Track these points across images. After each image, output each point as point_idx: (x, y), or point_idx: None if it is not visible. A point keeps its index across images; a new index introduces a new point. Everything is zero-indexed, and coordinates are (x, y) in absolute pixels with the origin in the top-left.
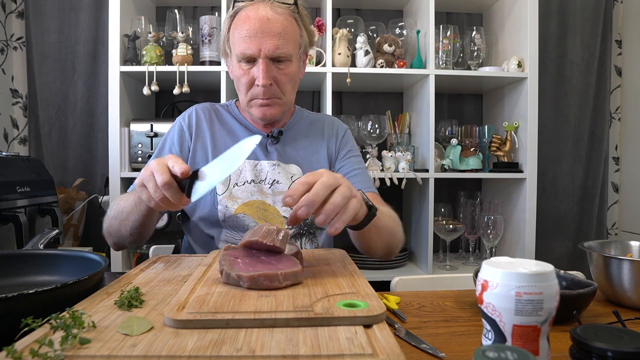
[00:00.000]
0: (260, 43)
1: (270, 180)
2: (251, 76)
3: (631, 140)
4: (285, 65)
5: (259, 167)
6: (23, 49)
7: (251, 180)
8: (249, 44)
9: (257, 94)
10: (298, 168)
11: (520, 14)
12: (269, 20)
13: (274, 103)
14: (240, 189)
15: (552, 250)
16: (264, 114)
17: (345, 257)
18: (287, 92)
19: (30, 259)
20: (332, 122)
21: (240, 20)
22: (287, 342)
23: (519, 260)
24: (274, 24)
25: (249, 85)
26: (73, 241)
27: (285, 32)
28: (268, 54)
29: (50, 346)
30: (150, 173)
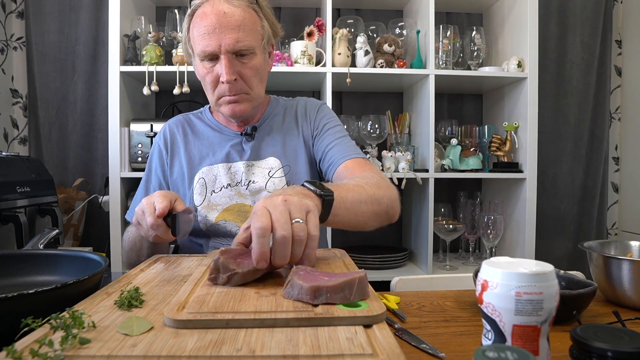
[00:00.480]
0: (220, 38)
1: (246, 181)
2: (215, 74)
3: (631, 140)
4: (249, 59)
5: (232, 170)
6: (23, 49)
7: (227, 185)
8: (209, 41)
9: (224, 92)
10: (276, 160)
11: (520, 14)
12: (226, 14)
13: (242, 99)
14: (218, 195)
15: (552, 250)
16: (233, 110)
17: (345, 257)
18: (254, 86)
19: (30, 259)
20: (305, 103)
21: (198, 17)
22: (287, 342)
23: (519, 260)
24: (232, 17)
25: (215, 84)
26: (73, 241)
27: (245, 25)
28: (229, 49)
29: (50, 346)
30: (142, 213)
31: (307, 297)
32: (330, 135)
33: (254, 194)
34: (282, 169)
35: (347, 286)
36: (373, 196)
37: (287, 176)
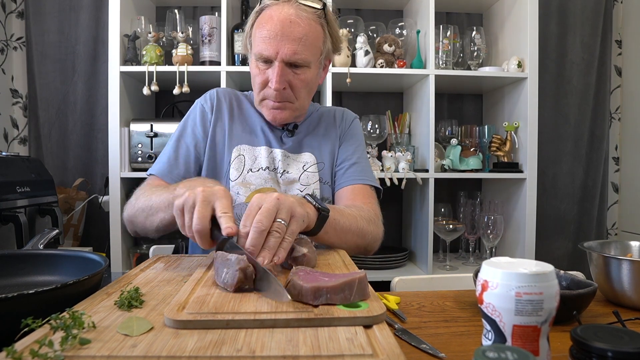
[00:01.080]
0: (279, 46)
1: (282, 169)
2: (266, 77)
3: (631, 140)
4: (302, 71)
5: (273, 155)
6: (23, 49)
7: (266, 167)
8: (267, 45)
9: (269, 96)
10: (311, 155)
11: (520, 14)
12: (291, 23)
13: (285, 107)
14: (254, 174)
15: (552, 250)
16: (274, 116)
17: (345, 257)
18: (300, 97)
19: (30, 259)
20: (343, 112)
21: (264, 19)
22: (287, 343)
23: (519, 260)
24: (296, 28)
25: (263, 85)
26: (73, 241)
27: (307, 38)
28: (285, 58)
29: (50, 346)
30: (192, 204)
31: (307, 298)
32: (352, 151)
33: (287, 184)
34: (316, 164)
35: (347, 286)
36: (362, 230)
37: (321, 173)
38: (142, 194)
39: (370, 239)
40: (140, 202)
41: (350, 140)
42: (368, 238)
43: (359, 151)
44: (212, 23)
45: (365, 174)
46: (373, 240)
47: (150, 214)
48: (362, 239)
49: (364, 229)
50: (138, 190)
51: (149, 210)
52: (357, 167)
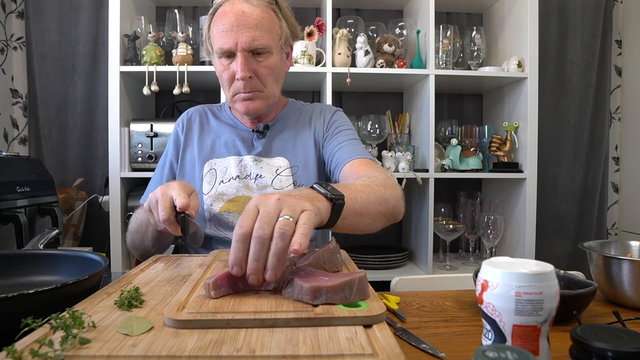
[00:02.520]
0: (237, 36)
1: (254, 174)
2: (231, 71)
3: (631, 140)
4: (265, 57)
5: (243, 163)
6: (23, 49)
7: (236, 176)
8: (226, 39)
9: (239, 89)
10: (284, 160)
11: (520, 14)
12: (244, 13)
13: (256, 97)
14: (226, 185)
15: (552, 250)
16: (247, 107)
17: (345, 257)
18: (268, 85)
19: (30, 259)
20: (321, 108)
21: (218, 16)
22: (287, 342)
23: (519, 260)
24: (250, 17)
25: (230, 81)
26: (73, 241)
27: (262, 24)
28: (245, 47)
29: (50, 346)
30: (156, 202)
31: (307, 297)
32: (339, 137)
33: (261, 188)
34: (290, 169)
35: (347, 286)
36: (381, 196)
37: (295, 176)
38: (133, 219)
39: (394, 202)
40: (132, 226)
41: (335, 131)
42: (391, 202)
43: (346, 134)
44: None
45: (358, 150)
46: (396, 202)
47: (143, 231)
48: (385, 205)
49: (383, 195)
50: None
51: (140, 229)
52: (347, 147)
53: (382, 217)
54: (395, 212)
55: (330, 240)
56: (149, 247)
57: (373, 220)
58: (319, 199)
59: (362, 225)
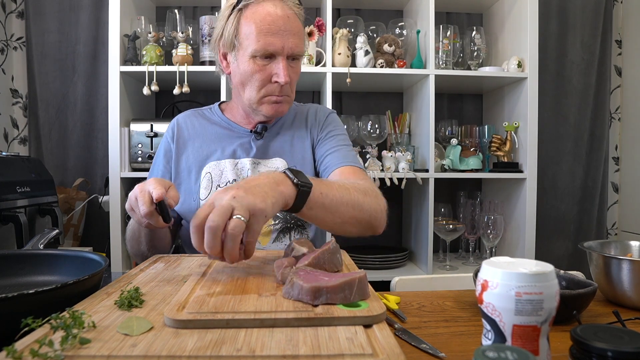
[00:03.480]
0: (284, 41)
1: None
2: (267, 73)
3: (631, 140)
4: (296, 64)
5: (239, 166)
6: (23, 49)
7: (233, 180)
8: (272, 39)
9: (273, 91)
10: (282, 161)
11: (520, 14)
12: (289, 18)
13: (284, 101)
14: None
15: (552, 250)
16: (277, 111)
17: (345, 257)
18: (294, 90)
19: (30, 259)
20: (316, 110)
21: (259, 14)
22: (287, 342)
23: (519, 260)
24: (294, 23)
25: (264, 82)
26: (73, 241)
27: (301, 31)
28: (289, 52)
29: (50, 346)
30: (135, 199)
31: (307, 298)
32: (332, 141)
33: None
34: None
35: (347, 286)
36: (356, 201)
37: None
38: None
39: (370, 212)
40: (128, 235)
41: (328, 135)
42: (366, 210)
43: (339, 139)
44: (212, 23)
45: (349, 158)
46: (373, 212)
47: (136, 237)
48: (360, 211)
49: (359, 200)
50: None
51: (133, 235)
52: (338, 153)
53: (355, 222)
54: (374, 223)
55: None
56: (146, 252)
57: (343, 221)
58: (285, 184)
59: (331, 223)
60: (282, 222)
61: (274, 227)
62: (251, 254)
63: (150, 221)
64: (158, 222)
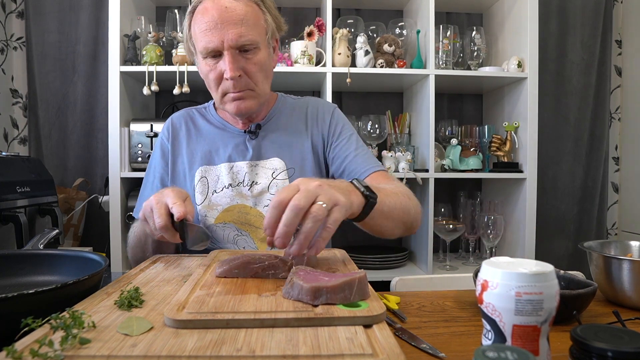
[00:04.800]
0: (222, 34)
1: (249, 181)
2: (218, 71)
3: (631, 140)
4: (253, 54)
5: (235, 169)
6: (23, 49)
7: (229, 185)
8: (211, 37)
9: (228, 88)
10: (280, 161)
11: (520, 14)
12: (227, 8)
13: (247, 95)
14: (219, 195)
15: (552, 250)
16: (239, 108)
17: (345, 257)
18: (259, 82)
19: (30, 259)
20: (316, 106)
21: (199, 13)
22: (287, 342)
23: (519, 260)
24: (233, 12)
25: (218, 81)
26: (73, 241)
27: (247, 19)
28: (232, 44)
29: (50, 346)
30: (151, 210)
31: (307, 298)
32: (347, 147)
33: (256, 195)
34: (286, 171)
35: (347, 286)
36: (405, 206)
37: (291, 179)
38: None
39: (414, 214)
40: (131, 241)
41: (341, 136)
42: (412, 213)
43: (353, 142)
44: None
45: (371, 161)
46: (416, 214)
47: (141, 244)
48: (407, 215)
49: (407, 205)
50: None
51: (139, 243)
52: (359, 158)
53: (402, 225)
54: (414, 224)
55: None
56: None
57: (394, 226)
58: (355, 194)
59: (384, 228)
60: None
61: None
62: (321, 248)
63: (165, 235)
64: (174, 238)
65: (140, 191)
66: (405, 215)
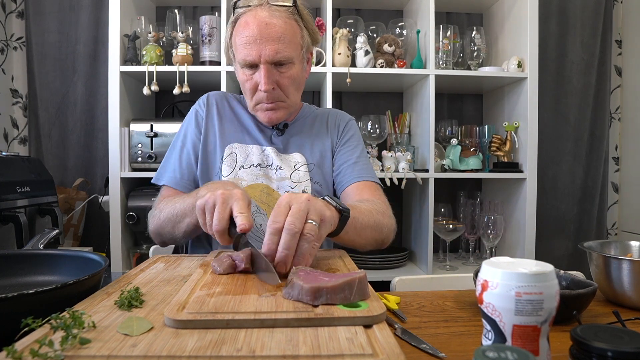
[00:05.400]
0: (260, 49)
1: (276, 165)
2: (254, 82)
3: (631, 140)
4: (287, 68)
5: (265, 152)
6: (23, 49)
7: (257, 164)
8: (249, 51)
9: (262, 99)
10: (301, 156)
11: (520, 14)
12: (267, 25)
13: (278, 107)
14: (246, 171)
15: (552, 250)
16: (270, 118)
17: (345, 257)
18: (290, 95)
19: (30, 259)
20: (335, 115)
21: (241, 26)
22: (287, 342)
23: (519, 260)
24: (272, 29)
25: (253, 91)
26: (73, 241)
27: (285, 36)
28: (268, 59)
29: (50, 346)
30: (212, 205)
31: (307, 298)
32: (350, 152)
33: (279, 180)
34: (307, 165)
35: (347, 286)
36: (378, 224)
37: (311, 173)
38: (165, 205)
39: (386, 232)
40: (165, 213)
41: (347, 143)
42: (384, 231)
43: (357, 150)
44: (212, 23)
45: (367, 172)
46: (388, 232)
47: (177, 221)
48: (379, 232)
49: (380, 223)
50: (158, 203)
51: (175, 218)
52: (357, 166)
53: (374, 241)
54: (385, 241)
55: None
56: (178, 238)
57: (366, 242)
58: (330, 209)
59: (356, 243)
60: None
61: None
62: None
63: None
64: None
65: (166, 156)
66: (376, 234)
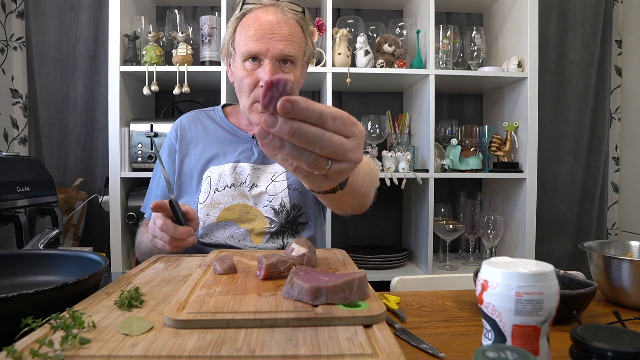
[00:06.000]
0: (269, 43)
1: (250, 183)
2: (255, 77)
3: (631, 140)
4: (290, 69)
5: (238, 170)
6: (23, 49)
7: (231, 184)
8: (257, 43)
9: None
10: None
11: (520, 14)
12: (279, 23)
13: None
14: (221, 193)
15: (552, 250)
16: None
17: (345, 257)
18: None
19: (30, 259)
20: None
21: (249, 21)
22: (287, 342)
23: (519, 260)
24: (284, 28)
25: (252, 87)
26: (73, 241)
27: (294, 37)
28: (276, 54)
29: (50, 346)
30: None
31: (307, 298)
32: None
33: (256, 197)
34: (284, 173)
35: (347, 286)
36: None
37: (289, 180)
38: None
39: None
40: (141, 248)
41: None
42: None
43: None
44: (212, 23)
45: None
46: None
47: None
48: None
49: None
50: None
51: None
52: None
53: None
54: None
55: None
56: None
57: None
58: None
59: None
60: (278, 225)
61: (268, 229)
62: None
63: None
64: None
65: (148, 190)
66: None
